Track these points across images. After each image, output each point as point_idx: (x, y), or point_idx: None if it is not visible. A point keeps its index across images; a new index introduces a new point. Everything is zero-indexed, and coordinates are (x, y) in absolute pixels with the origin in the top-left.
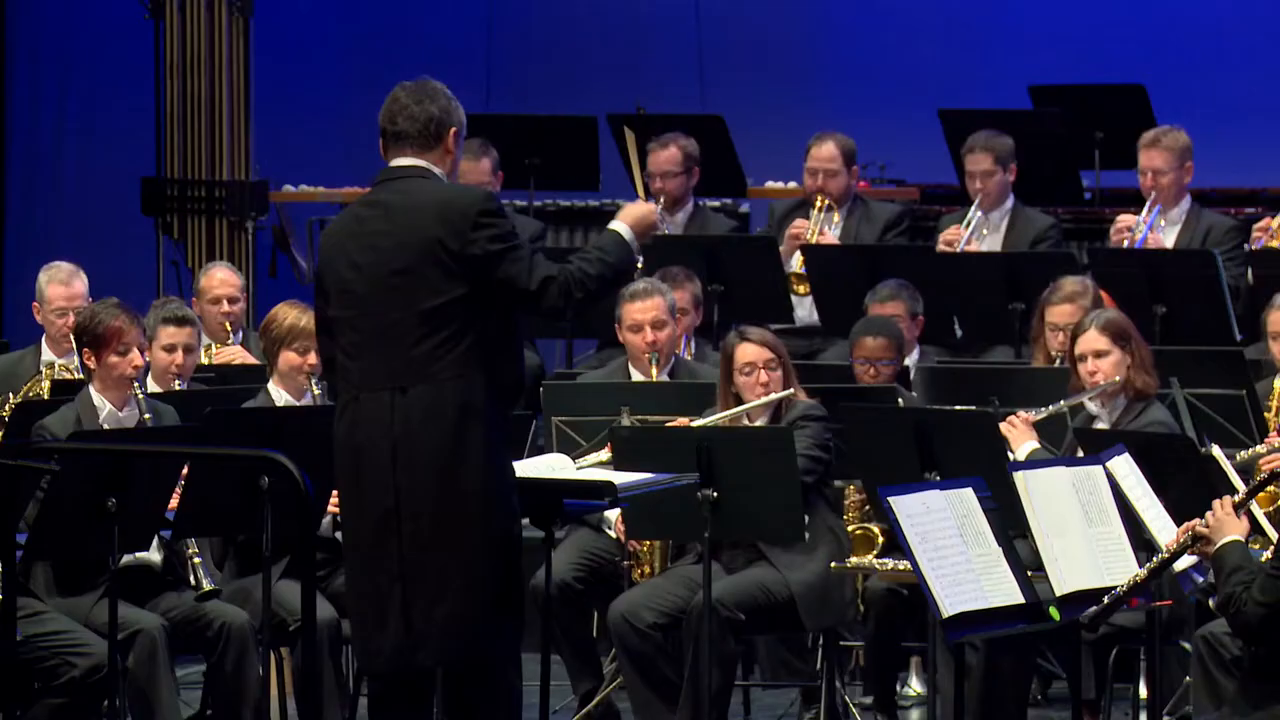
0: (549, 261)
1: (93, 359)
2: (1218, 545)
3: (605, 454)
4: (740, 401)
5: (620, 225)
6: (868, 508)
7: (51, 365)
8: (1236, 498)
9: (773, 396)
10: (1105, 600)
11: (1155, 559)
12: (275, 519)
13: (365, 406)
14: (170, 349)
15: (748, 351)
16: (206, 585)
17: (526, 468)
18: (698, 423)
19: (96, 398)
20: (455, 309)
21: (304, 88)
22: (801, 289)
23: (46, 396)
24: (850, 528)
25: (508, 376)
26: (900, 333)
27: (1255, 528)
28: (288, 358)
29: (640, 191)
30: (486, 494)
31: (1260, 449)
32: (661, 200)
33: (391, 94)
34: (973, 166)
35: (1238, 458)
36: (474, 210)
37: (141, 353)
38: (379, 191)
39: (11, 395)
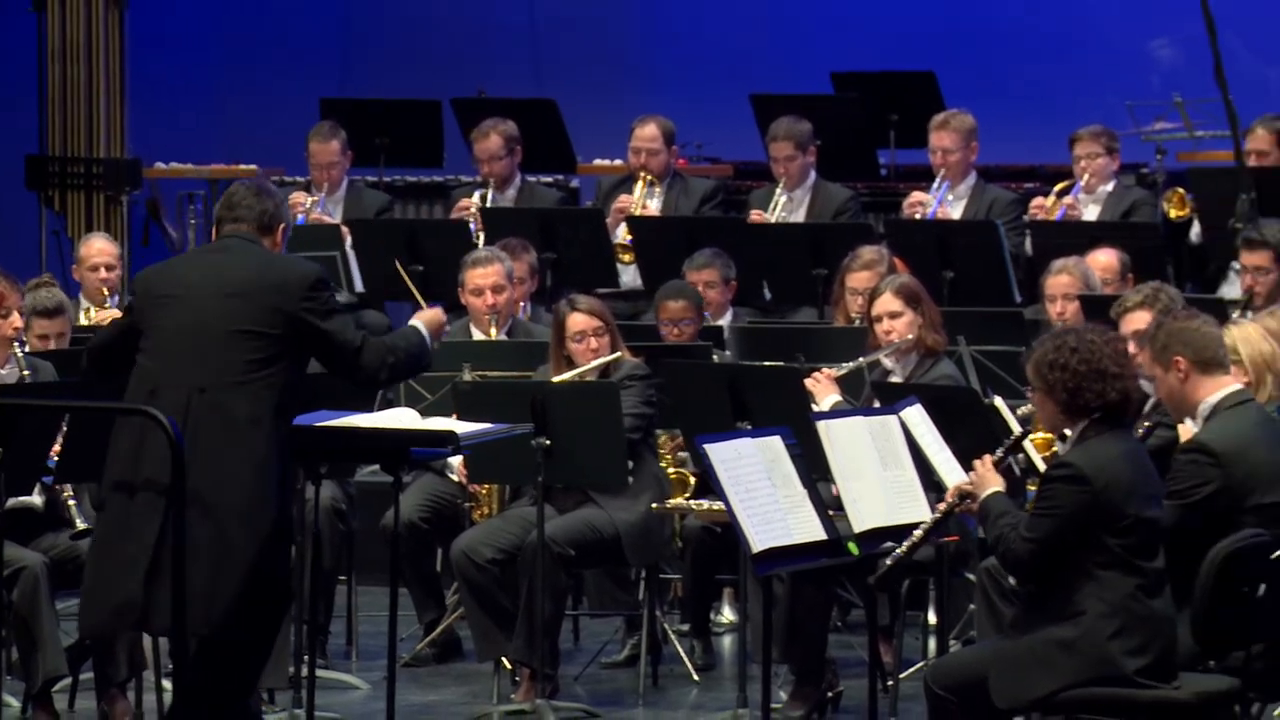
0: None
1: None
2: (981, 498)
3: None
4: (572, 364)
5: (418, 323)
6: (680, 452)
7: None
8: (995, 456)
9: (601, 360)
10: (900, 551)
11: (930, 518)
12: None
13: (162, 398)
14: (44, 338)
15: (578, 321)
16: (80, 524)
17: (377, 419)
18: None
19: None
20: (268, 340)
21: (174, 73)
22: (626, 258)
23: None
24: (668, 470)
25: (293, 407)
26: (699, 295)
27: (1036, 473)
28: None
29: (421, 301)
30: (260, 491)
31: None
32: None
33: (230, 189)
34: (776, 153)
35: (1019, 411)
36: (307, 284)
37: (21, 315)
38: (219, 246)
39: None
